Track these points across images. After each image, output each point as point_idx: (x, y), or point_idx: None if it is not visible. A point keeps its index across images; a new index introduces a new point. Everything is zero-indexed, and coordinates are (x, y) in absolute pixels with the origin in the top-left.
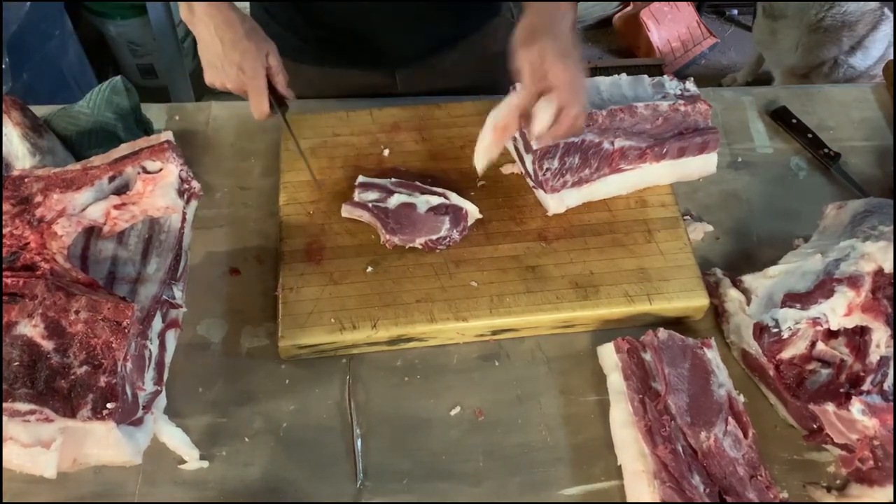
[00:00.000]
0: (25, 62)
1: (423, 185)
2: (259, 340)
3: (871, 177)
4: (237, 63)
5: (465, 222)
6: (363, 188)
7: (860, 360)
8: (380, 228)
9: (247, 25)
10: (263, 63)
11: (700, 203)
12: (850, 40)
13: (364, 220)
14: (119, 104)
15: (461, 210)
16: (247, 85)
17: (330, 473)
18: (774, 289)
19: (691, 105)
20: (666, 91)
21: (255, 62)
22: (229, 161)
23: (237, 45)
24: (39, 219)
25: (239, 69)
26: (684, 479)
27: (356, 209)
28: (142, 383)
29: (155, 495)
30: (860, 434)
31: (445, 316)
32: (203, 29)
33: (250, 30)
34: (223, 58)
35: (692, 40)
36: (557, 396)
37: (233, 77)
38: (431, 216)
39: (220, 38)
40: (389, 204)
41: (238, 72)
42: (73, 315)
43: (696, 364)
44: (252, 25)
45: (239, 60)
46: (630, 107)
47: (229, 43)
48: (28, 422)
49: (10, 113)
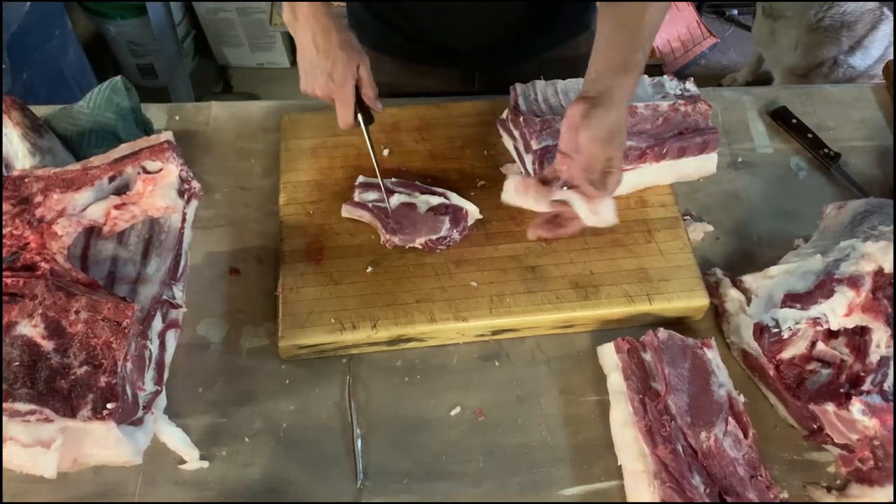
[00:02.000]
0: (25, 62)
1: (423, 185)
2: (259, 340)
3: (871, 177)
4: (328, 71)
5: (464, 222)
6: (363, 188)
7: (860, 360)
8: (380, 228)
9: (342, 36)
10: (353, 74)
11: (700, 203)
12: (849, 40)
13: (364, 220)
14: (119, 104)
15: (461, 210)
16: (334, 94)
17: (330, 473)
18: (774, 289)
19: (691, 105)
20: (666, 91)
21: (344, 72)
22: (229, 161)
23: (330, 54)
24: (39, 219)
25: (329, 77)
26: (684, 479)
27: (356, 209)
28: (142, 383)
29: (155, 495)
30: (860, 434)
31: (445, 316)
32: (302, 35)
33: (345, 41)
34: (315, 65)
35: (692, 40)
36: (557, 396)
37: (322, 84)
38: (431, 216)
39: (315, 45)
40: (389, 204)
41: (328, 80)
42: (73, 315)
43: (696, 364)
44: (347, 38)
45: (330, 69)
46: (630, 107)
47: (323, 51)
48: (28, 422)
49: (10, 113)
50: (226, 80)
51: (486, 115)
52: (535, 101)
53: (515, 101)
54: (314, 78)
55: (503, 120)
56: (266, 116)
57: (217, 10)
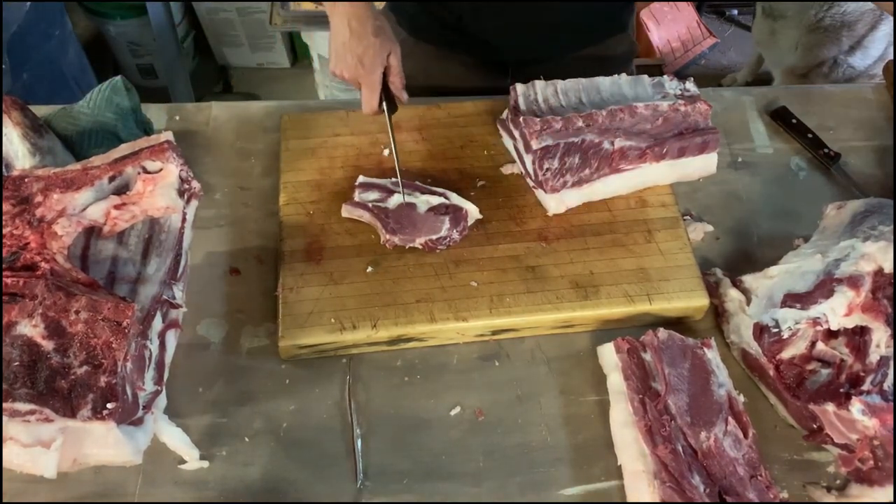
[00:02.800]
0: (25, 62)
1: (423, 185)
2: (259, 340)
3: (871, 177)
4: (359, 55)
5: (464, 222)
6: (363, 188)
7: (860, 360)
8: (380, 228)
9: (377, 23)
10: (383, 61)
11: (700, 203)
12: (849, 40)
13: (364, 220)
14: (119, 104)
15: (461, 210)
16: (362, 78)
17: (330, 473)
18: (774, 289)
19: (691, 105)
20: (666, 91)
21: (375, 58)
22: (229, 161)
23: (362, 39)
24: (39, 219)
25: (359, 61)
26: (684, 479)
27: (356, 209)
28: (142, 383)
29: (155, 495)
30: (860, 434)
31: (445, 316)
32: (338, 19)
33: (378, 28)
34: (347, 48)
35: (692, 40)
36: (557, 396)
37: (351, 68)
38: (431, 216)
39: (350, 28)
40: (389, 204)
41: (357, 64)
42: (73, 315)
43: (696, 364)
44: (381, 24)
45: (361, 53)
46: (630, 107)
47: (356, 35)
48: (28, 422)
49: (10, 113)
50: (226, 80)
51: (486, 115)
52: (535, 102)
53: (515, 101)
54: (344, 61)
55: (503, 120)
56: (266, 116)
57: (217, 10)
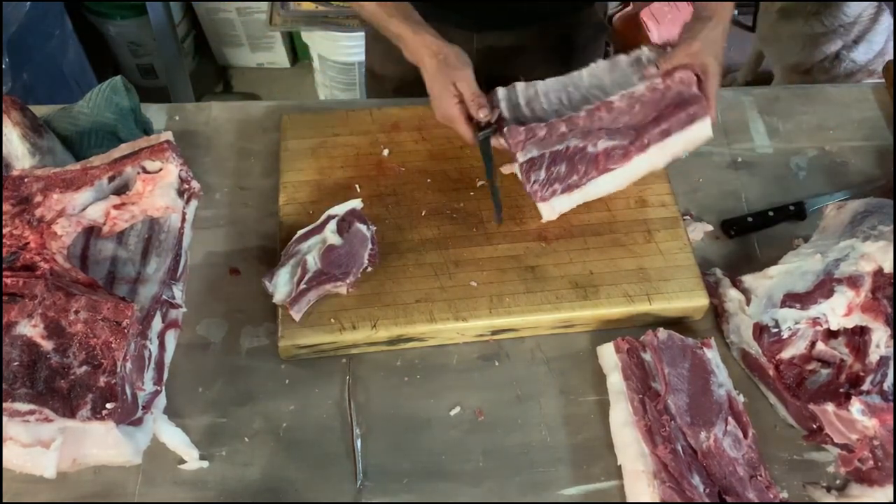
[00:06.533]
0: (25, 62)
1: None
2: (259, 340)
3: (871, 177)
4: (433, 96)
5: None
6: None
7: (860, 360)
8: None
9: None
10: (452, 93)
11: (700, 203)
12: (853, 33)
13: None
14: (119, 104)
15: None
16: (446, 121)
17: (330, 473)
18: (774, 289)
19: (670, 78)
20: (643, 64)
21: (441, 93)
22: (229, 161)
23: (429, 80)
24: (39, 219)
25: (437, 106)
26: (684, 479)
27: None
28: (141, 383)
29: (155, 495)
30: (860, 434)
31: (445, 316)
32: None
33: (439, 64)
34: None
35: None
36: (557, 396)
37: (435, 110)
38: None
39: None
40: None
41: (436, 105)
42: (73, 315)
43: (696, 364)
44: (444, 55)
45: (433, 94)
46: (606, 103)
47: (426, 77)
48: (28, 422)
49: (10, 113)
50: (226, 80)
51: None
52: (517, 107)
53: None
54: (433, 105)
55: None
56: (266, 116)
57: (217, 10)
